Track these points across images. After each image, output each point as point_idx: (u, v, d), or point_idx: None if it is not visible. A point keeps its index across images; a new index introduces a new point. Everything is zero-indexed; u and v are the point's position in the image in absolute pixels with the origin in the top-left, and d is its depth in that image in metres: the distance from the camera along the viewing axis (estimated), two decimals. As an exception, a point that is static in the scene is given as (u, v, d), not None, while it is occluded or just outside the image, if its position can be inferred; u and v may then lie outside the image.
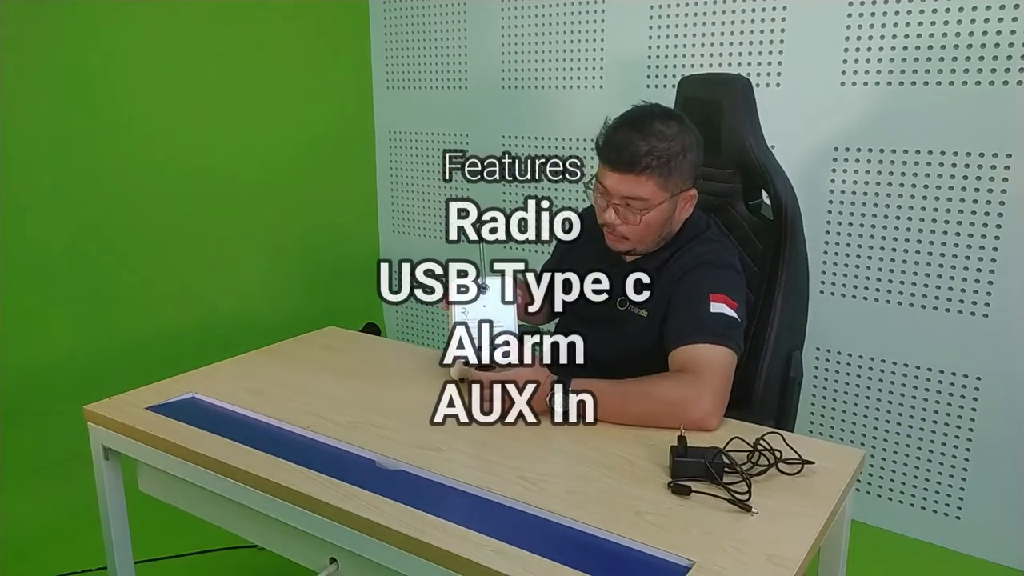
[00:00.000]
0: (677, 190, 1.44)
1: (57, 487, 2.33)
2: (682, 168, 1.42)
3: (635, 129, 1.41)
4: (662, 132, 1.40)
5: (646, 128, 1.40)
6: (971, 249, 2.10)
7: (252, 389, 1.56)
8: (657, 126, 1.40)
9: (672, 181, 1.42)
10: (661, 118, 1.42)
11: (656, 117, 1.42)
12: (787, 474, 1.18)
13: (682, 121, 1.45)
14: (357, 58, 3.25)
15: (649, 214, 1.43)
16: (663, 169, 1.39)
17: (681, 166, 1.42)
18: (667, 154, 1.39)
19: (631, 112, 1.46)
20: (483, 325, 1.44)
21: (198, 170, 2.70)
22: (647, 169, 1.39)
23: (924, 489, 2.28)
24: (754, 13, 2.32)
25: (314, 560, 1.21)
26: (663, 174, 1.40)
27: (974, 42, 2.01)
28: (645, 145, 1.38)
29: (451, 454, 1.27)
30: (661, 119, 1.42)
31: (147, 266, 2.59)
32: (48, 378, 2.37)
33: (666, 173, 1.40)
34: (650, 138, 1.39)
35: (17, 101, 2.23)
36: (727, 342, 1.37)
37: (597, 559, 1.00)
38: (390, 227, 3.42)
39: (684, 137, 1.42)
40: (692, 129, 1.46)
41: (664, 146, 1.39)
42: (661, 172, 1.40)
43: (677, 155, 1.40)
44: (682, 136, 1.42)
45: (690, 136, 1.44)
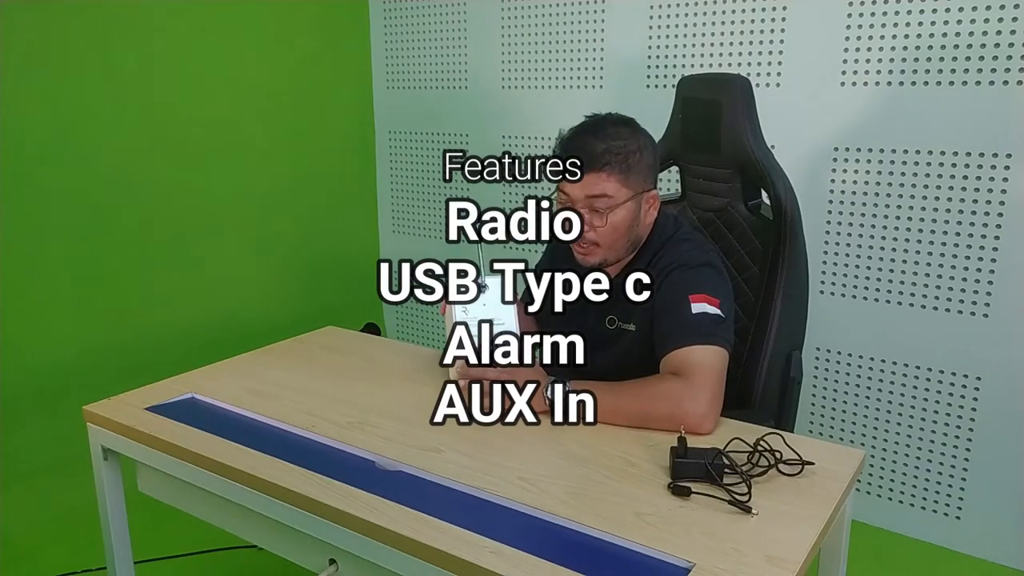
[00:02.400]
0: (639, 188, 1.45)
1: (57, 487, 2.33)
2: (640, 166, 1.44)
3: (589, 133, 1.44)
4: (617, 133, 1.43)
5: (600, 131, 1.43)
6: (971, 249, 2.09)
7: (252, 389, 1.56)
8: (611, 128, 1.44)
9: (632, 179, 1.43)
10: (614, 122, 1.46)
11: (609, 122, 1.46)
12: (787, 475, 1.18)
13: (634, 125, 1.48)
14: (357, 58, 3.25)
15: (615, 214, 1.43)
16: (622, 165, 1.42)
17: (639, 164, 1.44)
18: (624, 151, 1.42)
19: (584, 121, 1.49)
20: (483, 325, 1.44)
21: (198, 170, 2.70)
22: (607, 165, 1.41)
23: (924, 489, 2.27)
24: (754, 13, 2.32)
25: (313, 561, 1.21)
26: (623, 170, 1.42)
27: (974, 42, 2.01)
28: (602, 144, 1.41)
29: (451, 455, 1.27)
30: (614, 123, 1.46)
31: (147, 266, 2.59)
32: (48, 378, 2.37)
33: (625, 170, 1.42)
34: (606, 139, 1.42)
35: (18, 101, 2.23)
36: (715, 340, 1.37)
37: (597, 560, 1.00)
38: (390, 227, 3.42)
39: (638, 138, 1.45)
40: (646, 133, 1.49)
41: (620, 143, 1.42)
42: (620, 168, 1.42)
43: (634, 152, 1.43)
44: (636, 137, 1.45)
45: (644, 137, 1.47)
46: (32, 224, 2.31)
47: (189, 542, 2.18)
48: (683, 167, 1.79)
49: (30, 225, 2.30)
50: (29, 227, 2.30)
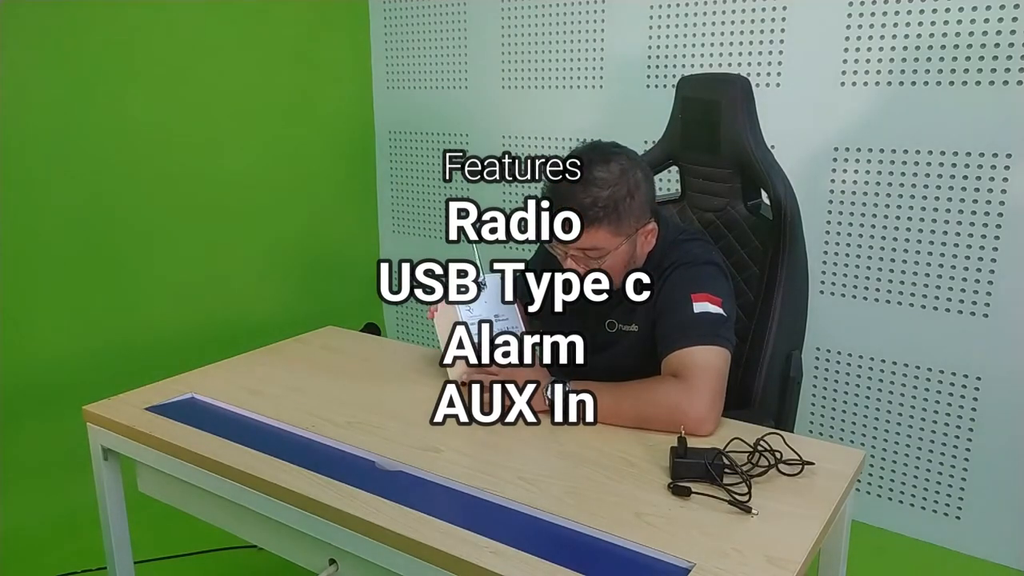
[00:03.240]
0: (632, 231, 1.39)
1: (57, 487, 2.33)
2: (631, 210, 1.37)
3: (576, 183, 1.35)
4: (603, 179, 1.35)
5: (586, 178, 1.34)
6: (971, 249, 2.09)
7: (251, 389, 1.56)
8: (596, 173, 1.35)
9: (624, 225, 1.37)
10: (600, 163, 1.37)
11: (595, 164, 1.36)
12: (787, 475, 1.18)
13: (623, 160, 1.39)
14: (357, 58, 3.25)
15: (608, 260, 1.39)
16: (612, 216, 1.35)
17: (630, 208, 1.37)
18: (612, 200, 1.34)
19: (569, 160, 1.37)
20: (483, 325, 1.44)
21: (198, 170, 2.70)
22: (595, 221, 1.34)
23: (924, 489, 2.27)
24: (754, 13, 2.32)
25: (313, 561, 1.21)
26: (612, 221, 1.35)
27: (974, 42, 2.00)
28: (588, 198, 1.33)
29: (450, 455, 1.27)
30: (600, 164, 1.36)
31: (147, 266, 2.59)
32: (48, 378, 2.37)
33: (615, 220, 1.35)
34: (591, 189, 1.34)
35: (17, 101, 2.23)
36: (716, 340, 1.35)
37: (597, 561, 1.00)
38: (390, 227, 3.42)
39: (628, 178, 1.37)
40: (636, 165, 1.40)
41: (607, 194, 1.34)
42: (610, 220, 1.35)
43: (623, 199, 1.36)
44: (625, 177, 1.36)
45: (634, 174, 1.38)
46: (32, 224, 2.30)
47: (189, 542, 2.18)
48: (683, 167, 1.79)
49: (30, 225, 2.30)
50: (29, 227, 2.30)
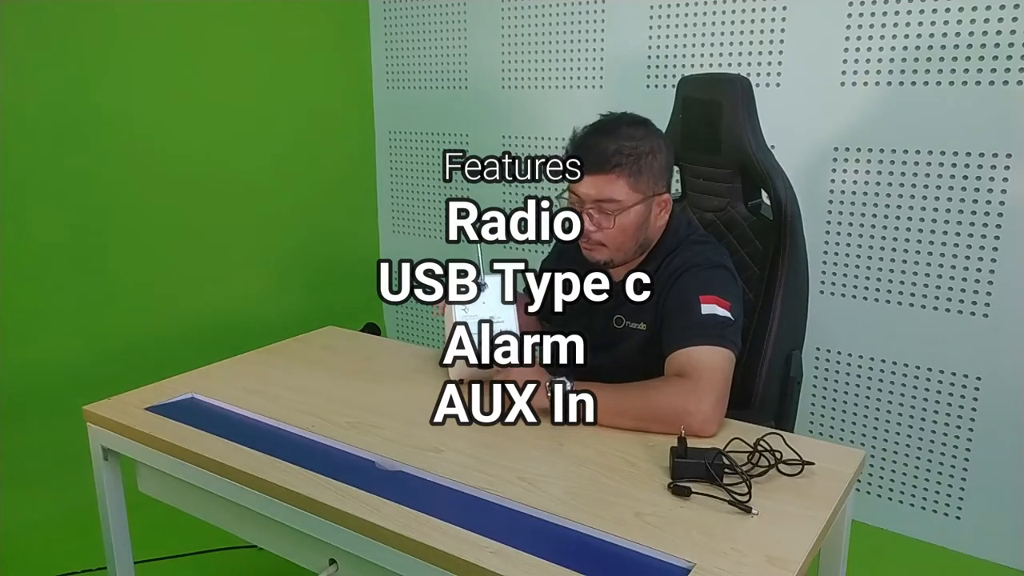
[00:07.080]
0: (650, 192, 1.44)
1: (57, 487, 2.34)
2: (652, 168, 1.42)
3: (602, 133, 1.43)
4: (630, 133, 1.42)
5: (613, 131, 1.42)
6: (971, 249, 2.09)
7: (251, 389, 1.56)
8: (624, 129, 1.43)
9: (643, 181, 1.42)
10: (628, 123, 1.44)
11: (623, 122, 1.45)
12: (787, 475, 1.18)
13: (648, 125, 1.47)
14: (357, 58, 3.25)
15: (623, 216, 1.42)
16: (632, 167, 1.40)
17: (651, 166, 1.42)
18: (635, 152, 1.40)
19: (598, 120, 1.48)
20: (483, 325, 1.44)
21: (198, 170, 2.70)
22: (617, 167, 1.39)
23: (924, 489, 2.27)
24: (754, 13, 2.32)
25: (313, 561, 1.21)
26: (633, 172, 1.40)
27: (974, 42, 2.01)
28: (613, 145, 1.40)
29: (451, 455, 1.27)
30: (628, 124, 1.44)
31: (147, 266, 2.59)
32: (48, 378, 2.37)
33: (636, 172, 1.41)
34: (618, 139, 1.41)
35: (17, 100, 2.23)
36: (722, 342, 1.35)
37: (597, 561, 1.00)
38: (390, 227, 3.42)
39: (652, 139, 1.44)
40: (660, 133, 1.48)
41: (632, 144, 1.40)
42: (631, 171, 1.40)
43: (646, 154, 1.41)
44: (649, 138, 1.43)
45: (658, 139, 1.45)
46: (32, 224, 2.30)
47: (189, 542, 2.18)
48: (683, 167, 1.79)
49: (30, 225, 2.30)
50: (29, 227, 2.30)
